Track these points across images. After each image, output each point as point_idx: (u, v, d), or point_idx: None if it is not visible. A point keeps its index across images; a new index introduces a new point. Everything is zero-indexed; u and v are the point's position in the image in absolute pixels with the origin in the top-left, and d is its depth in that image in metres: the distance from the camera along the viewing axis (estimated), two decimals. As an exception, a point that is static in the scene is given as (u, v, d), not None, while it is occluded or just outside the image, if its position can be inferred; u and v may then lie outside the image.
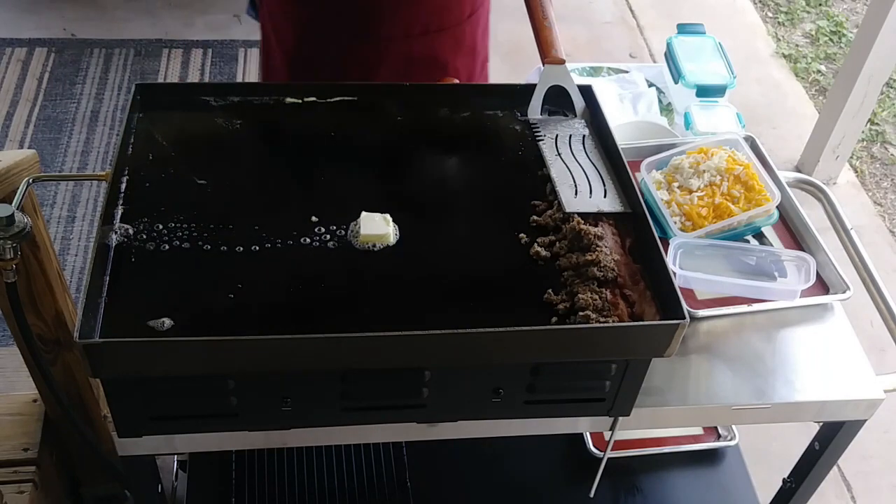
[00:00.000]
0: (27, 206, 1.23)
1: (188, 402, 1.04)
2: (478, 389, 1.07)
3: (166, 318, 0.98)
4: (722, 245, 1.32)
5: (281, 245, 1.08)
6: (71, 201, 2.62)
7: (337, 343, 0.97)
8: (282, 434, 1.13)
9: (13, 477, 1.55)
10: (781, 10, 3.92)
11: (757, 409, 1.19)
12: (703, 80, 1.68)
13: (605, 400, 1.11)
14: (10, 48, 3.11)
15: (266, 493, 1.58)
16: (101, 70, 3.07)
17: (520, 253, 1.12)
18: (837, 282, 1.31)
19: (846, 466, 2.22)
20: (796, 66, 3.59)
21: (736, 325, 1.28)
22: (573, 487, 1.65)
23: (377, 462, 1.64)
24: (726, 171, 1.34)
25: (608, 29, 3.59)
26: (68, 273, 2.41)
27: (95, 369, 0.94)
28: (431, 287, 1.07)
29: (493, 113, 1.31)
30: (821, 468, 1.35)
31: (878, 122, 3.38)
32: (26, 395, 1.65)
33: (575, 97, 1.28)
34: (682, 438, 1.73)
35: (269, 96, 1.28)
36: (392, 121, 1.29)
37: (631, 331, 1.02)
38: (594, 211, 1.14)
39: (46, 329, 1.43)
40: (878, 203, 3.05)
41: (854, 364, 1.25)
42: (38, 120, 2.86)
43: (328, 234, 1.10)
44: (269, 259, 1.07)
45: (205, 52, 3.18)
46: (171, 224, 1.09)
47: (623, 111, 1.76)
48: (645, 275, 1.08)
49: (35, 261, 1.33)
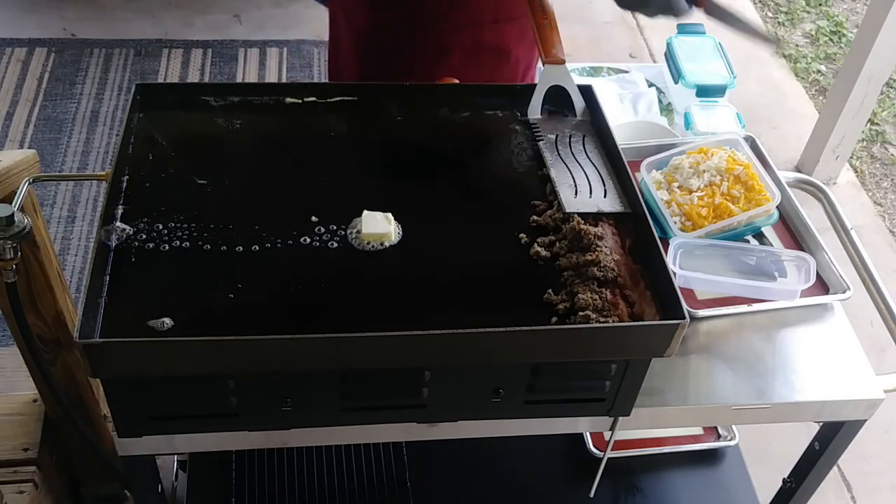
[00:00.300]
0: (27, 206, 1.23)
1: (188, 402, 1.04)
2: (478, 389, 1.07)
3: (166, 318, 0.98)
4: (722, 245, 1.32)
5: (281, 245, 1.08)
6: (71, 201, 2.62)
7: (337, 343, 0.97)
8: (282, 434, 1.13)
9: (13, 477, 1.55)
10: (781, 10, 3.92)
11: (757, 409, 1.19)
12: (703, 80, 1.68)
13: (605, 400, 1.11)
14: (10, 48, 3.11)
15: (266, 493, 1.58)
16: (101, 70, 3.07)
17: (520, 253, 1.12)
18: (837, 282, 1.31)
19: (846, 466, 2.22)
20: (796, 66, 3.59)
21: (736, 325, 1.28)
22: (573, 487, 1.65)
23: (377, 462, 1.64)
24: (726, 171, 1.34)
25: (608, 29, 3.59)
26: (68, 273, 2.41)
27: (95, 369, 0.94)
28: (431, 287, 1.07)
29: (493, 113, 1.31)
30: (821, 468, 1.35)
31: (878, 122, 3.38)
32: (26, 395, 1.65)
33: (575, 97, 1.28)
34: (682, 438, 1.73)
35: (269, 96, 1.28)
36: (392, 121, 1.29)
37: (631, 331, 1.02)
38: (594, 211, 1.14)
39: (46, 329, 1.43)
40: (878, 203, 3.05)
41: (854, 364, 1.25)
42: (38, 120, 2.86)
43: (328, 233, 1.10)
44: (270, 259, 1.07)
45: (205, 52, 3.18)
46: (171, 224, 1.09)
47: (623, 111, 1.76)
48: (645, 275, 1.08)
49: (35, 261, 1.33)
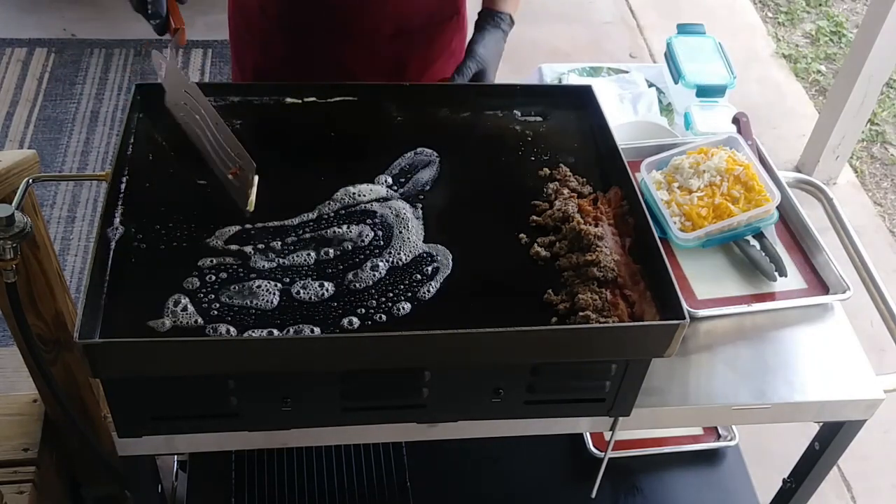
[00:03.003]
0: (27, 207, 1.23)
1: (188, 402, 1.04)
2: (478, 389, 1.07)
3: (166, 318, 0.98)
4: (722, 245, 1.32)
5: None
6: (71, 201, 2.62)
7: (337, 343, 0.97)
8: (282, 434, 1.13)
9: (13, 477, 1.55)
10: (781, 10, 3.92)
11: (757, 409, 1.19)
12: (703, 81, 1.68)
13: (605, 400, 1.11)
14: (10, 48, 3.11)
15: (266, 493, 1.58)
16: (101, 70, 3.07)
17: (520, 253, 1.12)
18: (837, 282, 1.31)
19: (846, 466, 2.22)
20: (796, 66, 3.59)
21: (736, 325, 1.28)
22: (573, 487, 1.65)
23: (377, 462, 1.64)
24: (726, 172, 1.34)
25: (608, 29, 3.60)
26: (68, 273, 2.41)
27: (95, 369, 0.94)
28: (431, 287, 1.07)
29: (493, 113, 1.31)
30: (821, 468, 1.35)
31: (878, 122, 3.38)
32: (26, 395, 1.65)
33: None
34: (682, 438, 1.73)
35: (269, 96, 1.28)
36: (392, 121, 1.29)
37: (631, 331, 1.02)
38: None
39: (46, 329, 1.42)
40: (878, 203, 3.05)
41: (854, 364, 1.25)
42: (38, 120, 2.86)
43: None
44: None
45: (205, 52, 3.18)
46: (170, 224, 1.09)
47: (623, 111, 1.76)
48: (645, 275, 1.08)
49: (35, 261, 1.33)
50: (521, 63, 2.95)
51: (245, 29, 1.55)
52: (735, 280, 1.30)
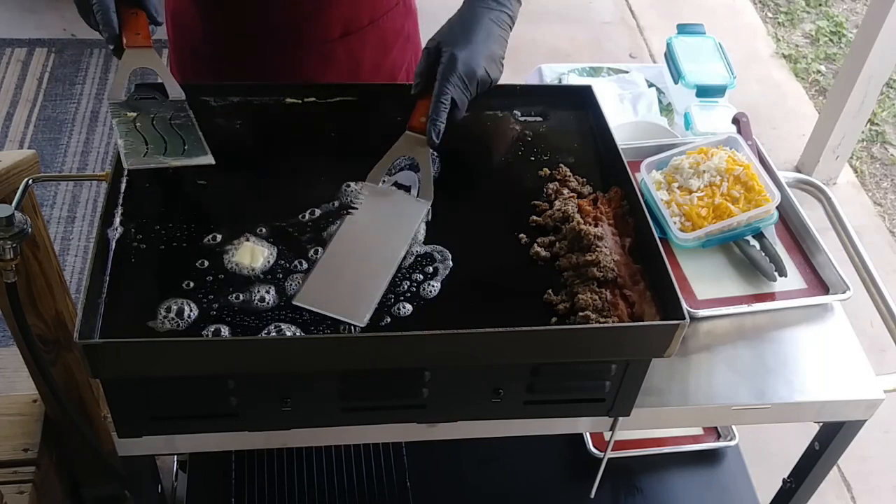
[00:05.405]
0: (27, 207, 1.23)
1: (188, 402, 1.03)
2: (478, 389, 1.07)
3: (166, 318, 0.98)
4: (722, 245, 1.32)
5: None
6: (71, 201, 2.62)
7: (337, 343, 0.97)
8: (282, 434, 1.13)
9: (13, 477, 1.55)
10: (781, 11, 3.92)
11: (757, 409, 1.19)
12: (703, 81, 1.68)
13: (605, 400, 1.11)
14: (10, 48, 3.11)
15: (266, 494, 1.58)
16: (101, 70, 3.07)
17: (520, 253, 1.12)
18: (837, 282, 1.31)
19: (846, 466, 2.22)
20: (796, 66, 3.59)
21: (736, 325, 1.28)
22: (573, 487, 1.65)
23: (377, 462, 1.64)
24: (726, 172, 1.34)
25: (608, 29, 3.60)
26: (68, 273, 2.41)
27: (95, 369, 0.94)
28: (431, 287, 1.07)
29: (493, 113, 1.31)
30: (821, 468, 1.35)
31: (878, 122, 3.38)
32: (26, 395, 1.65)
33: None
34: (682, 438, 1.73)
35: (269, 96, 1.28)
36: (392, 121, 1.28)
37: (631, 331, 1.02)
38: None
39: (46, 329, 1.42)
40: (878, 203, 3.05)
41: (854, 364, 1.25)
42: (38, 120, 2.86)
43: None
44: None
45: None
46: (170, 224, 1.09)
47: (623, 111, 1.76)
48: (645, 275, 1.08)
49: (35, 261, 1.33)
50: (521, 63, 2.96)
51: (190, 53, 1.50)
52: (735, 280, 1.30)
